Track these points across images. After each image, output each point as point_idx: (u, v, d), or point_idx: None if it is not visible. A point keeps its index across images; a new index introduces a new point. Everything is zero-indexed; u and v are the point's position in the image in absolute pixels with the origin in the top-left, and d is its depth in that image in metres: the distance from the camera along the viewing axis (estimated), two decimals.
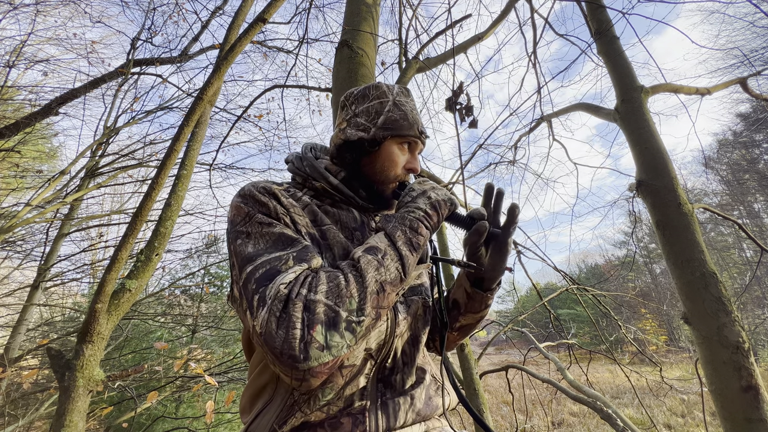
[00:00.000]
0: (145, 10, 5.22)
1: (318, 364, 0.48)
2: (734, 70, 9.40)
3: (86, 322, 1.44)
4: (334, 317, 0.50)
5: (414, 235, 0.60)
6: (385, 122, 0.74)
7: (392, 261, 0.57)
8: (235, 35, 1.99)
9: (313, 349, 0.48)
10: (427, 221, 0.64)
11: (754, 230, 18.41)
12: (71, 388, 1.36)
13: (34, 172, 7.37)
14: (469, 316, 0.77)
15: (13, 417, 4.07)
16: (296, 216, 0.65)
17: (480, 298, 0.74)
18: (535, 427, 8.44)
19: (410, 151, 0.78)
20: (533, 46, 3.78)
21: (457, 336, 0.82)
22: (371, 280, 0.54)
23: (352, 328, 0.51)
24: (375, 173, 0.75)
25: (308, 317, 0.49)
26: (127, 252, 1.45)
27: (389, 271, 0.55)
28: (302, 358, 0.47)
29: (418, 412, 0.65)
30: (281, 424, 0.58)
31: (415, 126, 0.76)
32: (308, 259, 0.57)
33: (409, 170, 0.77)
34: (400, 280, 0.56)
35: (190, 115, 1.43)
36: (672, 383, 8.33)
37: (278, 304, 0.49)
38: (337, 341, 0.49)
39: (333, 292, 0.52)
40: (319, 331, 0.48)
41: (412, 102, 0.80)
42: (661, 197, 2.38)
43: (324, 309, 0.50)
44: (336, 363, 0.50)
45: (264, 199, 0.63)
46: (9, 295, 4.83)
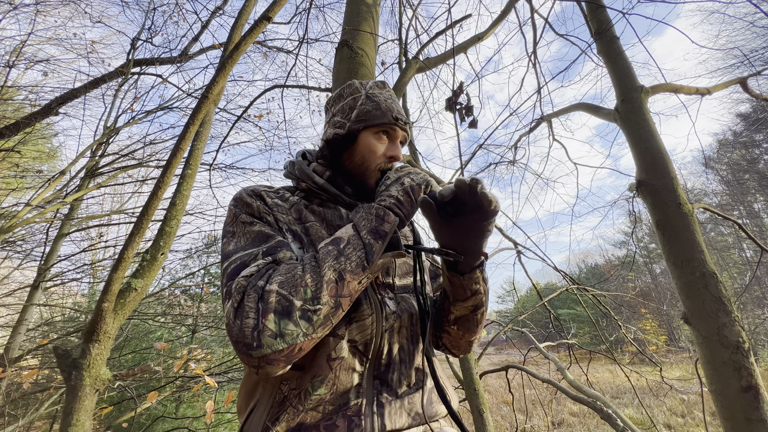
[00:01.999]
0: (145, 10, 5.23)
1: (271, 351, 0.50)
2: (734, 70, 9.40)
3: (93, 321, 1.44)
4: (287, 306, 0.52)
5: (380, 224, 0.59)
6: (358, 115, 0.76)
7: (354, 250, 0.57)
8: (239, 34, 1.99)
9: (266, 337, 0.50)
10: (398, 208, 0.63)
11: (754, 230, 18.42)
12: (78, 387, 1.36)
13: (34, 172, 7.38)
14: (459, 305, 0.72)
15: (13, 417, 4.07)
16: (279, 214, 0.69)
17: (460, 283, 0.69)
18: (535, 427, 8.44)
19: (389, 140, 0.79)
20: (533, 46, 3.78)
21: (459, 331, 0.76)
22: (328, 269, 0.55)
23: (307, 317, 0.52)
24: (356, 166, 0.77)
25: (262, 307, 0.51)
26: (133, 251, 1.45)
27: (349, 260, 0.56)
28: (255, 346, 0.50)
29: (416, 415, 0.64)
30: (273, 421, 0.58)
31: (388, 113, 0.77)
32: (275, 253, 0.60)
33: (390, 158, 0.77)
34: (362, 268, 0.56)
35: (195, 114, 1.43)
36: (672, 383, 8.34)
37: (237, 296, 0.53)
38: (291, 329, 0.51)
39: (288, 283, 0.54)
40: (272, 319, 0.51)
41: (387, 92, 0.81)
42: (661, 197, 2.38)
43: (278, 299, 0.52)
44: (292, 351, 0.52)
45: (249, 200, 0.68)
46: (9, 295, 4.83)
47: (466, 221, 0.59)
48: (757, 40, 11.34)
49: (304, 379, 0.60)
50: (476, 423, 2.67)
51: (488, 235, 0.62)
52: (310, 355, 0.61)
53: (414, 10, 3.51)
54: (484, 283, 0.70)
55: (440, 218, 0.60)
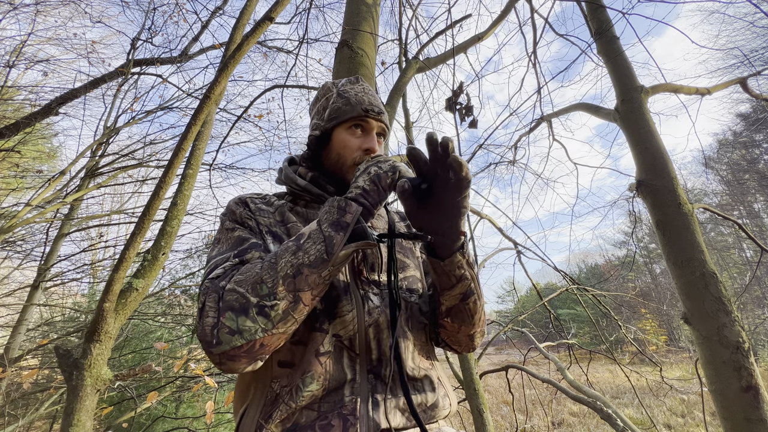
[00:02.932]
0: (145, 10, 5.22)
1: (230, 347, 0.52)
2: (734, 70, 9.40)
3: (94, 321, 1.44)
4: (244, 303, 0.54)
5: (341, 215, 0.59)
6: (330, 114, 0.78)
7: (314, 243, 0.57)
8: (241, 34, 1.99)
9: (224, 333, 0.52)
10: (363, 197, 0.62)
11: (754, 230, 18.42)
12: (79, 387, 1.36)
13: (34, 172, 7.38)
14: (447, 294, 0.68)
15: (13, 417, 4.07)
16: (261, 218, 0.72)
17: (442, 270, 0.65)
18: (535, 427, 8.44)
19: (363, 132, 0.78)
20: (533, 46, 3.78)
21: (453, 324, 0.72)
22: (284, 264, 0.56)
23: (264, 313, 0.53)
24: (333, 163, 0.78)
25: (221, 305, 0.54)
26: (135, 251, 1.45)
27: (308, 254, 0.56)
28: (214, 343, 0.52)
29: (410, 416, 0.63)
30: (266, 418, 0.58)
31: (358, 106, 0.77)
32: (244, 254, 0.63)
33: (366, 150, 0.76)
34: (322, 261, 0.56)
35: (197, 114, 1.43)
36: (672, 383, 8.34)
37: (201, 297, 0.56)
38: (249, 325, 0.53)
39: (246, 280, 0.55)
40: (229, 316, 0.53)
41: (359, 87, 0.82)
42: (661, 197, 2.38)
43: (235, 296, 0.54)
44: (253, 346, 0.53)
45: (234, 208, 0.72)
46: (9, 295, 4.83)
47: (442, 199, 0.58)
48: (757, 40, 11.34)
49: (294, 375, 0.60)
50: (476, 423, 2.67)
51: (464, 212, 0.59)
52: (299, 351, 0.62)
53: (414, 10, 3.51)
54: (469, 268, 0.66)
55: (416, 200, 0.58)
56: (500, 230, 3.81)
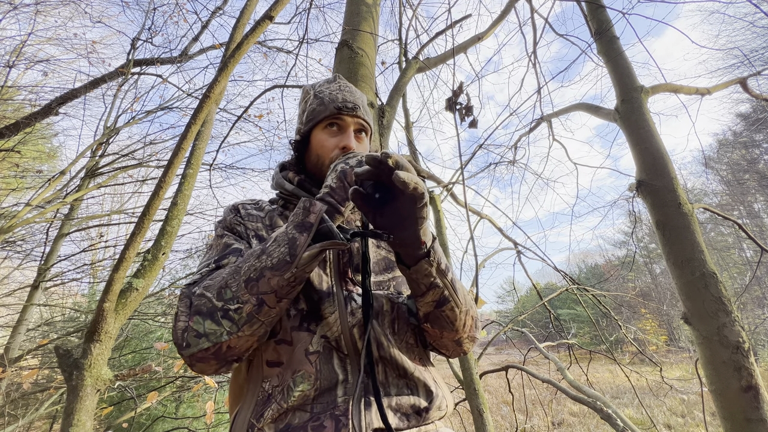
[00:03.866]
0: (145, 10, 5.23)
1: (197, 350, 0.55)
2: (734, 70, 9.40)
3: (94, 321, 1.44)
4: (210, 307, 0.56)
5: (305, 216, 0.58)
6: (307, 116, 0.79)
7: (278, 246, 0.57)
8: (241, 33, 1.99)
9: (191, 337, 0.55)
10: (330, 196, 0.63)
11: (754, 230, 18.42)
12: (79, 387, 1.36)
13: (34, 172, 7.38)
14: (420, 301, 0.66)
15: (13, 417, 4.07)
16: (249, 223, 0.74)
17: (411, 277, 0.63)
18: (535, 427, 8.44)
19: (340, 130, 0.78)
20: (533, 46, 3.78)
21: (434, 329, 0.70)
22: (247, 268, 0.57)
23: (229, 316, 0.55)
24: (313, 165, 0.79)
25: (191, 310, 0.57)
26: (134, 251, 1.45)
27: (271, 257, 0.56)
28: (184, 346, 0.55)
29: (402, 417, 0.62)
30: (258, 417, 0.58)
31: (331, 105, 0.77)
32: (222, 260, 0.65)
33: (343, 148, 0.75)
34: (285, 263, 0.55)
35: (197, 113, 1.43)
36: (672, 383, 8.34)
37: (178, 302, 0.59)
38: (214, 328, 0.55)
39: (213, 285, 0.58)
40: (197, 320, 0.56)
41: (334, 85, 0.81)
42: (661, 197, 2.38)
43: (203, 301, 0.57)
44: (219, 349, 0.56)
45: (226, 215, 0.75)
46: (9, 295, 4.83)
47: (397, 209, 0.54)
48: (757, 40, 11.34)
49: (285, 375, 0.60)
50: (476, 423, 2.67)
51: (421, 221, 0.56)
52: (286, 351, 0.62)
53: (414, 10, 3.51)
54: (441, 276, 0.63)
55: (370, 208, 0.55)
56: (500, 230, 3.82)
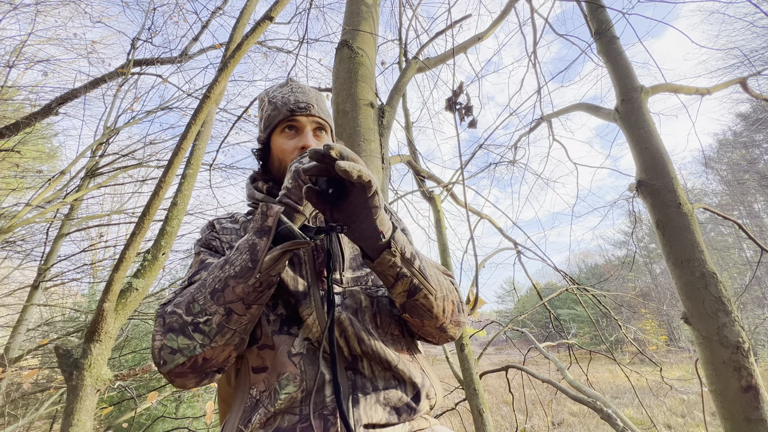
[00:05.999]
0: (145, 10, 5.23)
1: (174, 366, 0.56)
2: (734, 70, 9.40)
3: (94, 321, 1.44)
4: (181, 323, 0.57)
5: (264, 220, 0.58)
6: (264, 122, 0.80)
7: (240, 254, 0.57)
8: (241, 34, 1.99)
9: (166, 354, 0.56)
10: (287, 196, 0.63)
11: (754, 230, 18.42)
12: (79, 387, 1.36)
13: (34, 172, 7.39)
14: (393, 293, 0.65)
15: (13, 417, 4.07)
16: (224, 236, 0.75)
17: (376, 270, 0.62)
18: (535, 427, 8.44)
19: (297, 132, 0.78)
20: (533, 46, 3.78)
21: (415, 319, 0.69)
22: (211, 280, 0.58)
23: (200, 329, 0.56)
24: (277, 170, 0.79)
25: (164, 328, 0.57)
26: (134, 251, 1.45)
27: (233, 266, 0.57)
28: (162, 363, 0.56)
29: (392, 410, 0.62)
30: (245, 423, 0.58)
31: (284, 108, 0.77)
32: (194, 276, 0.66)
33: (302, 149, 0.76)
34: (247, 269, 0.56)
35: (197, 114, 1.43)
36: (672, 383, 8.34)
37: (153, 323, 0.60)
38: (187, 343, 0.56)
39: (182, 302, 0.59)
40: (171, 337, 0.56)
41: (287, 88, 0.81)
42: (661, 197, 2.38)
43: (174, 318, 0.57)
44: (195, 362, 0.56)
45: (201, 233, 0.77)
46: (9, 295, 4.83)
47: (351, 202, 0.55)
48: (757, 40, 11.34)
49: (271, 379, 0.60)
50: (476, 423, 2.67)
51: (375, 211, 0.55)
52: (269, 355, 0.62)
53: (414, 10, 3.51)
54: (407, 265, 0.61)
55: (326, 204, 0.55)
56: (500, 230, 3.81)
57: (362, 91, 1.85)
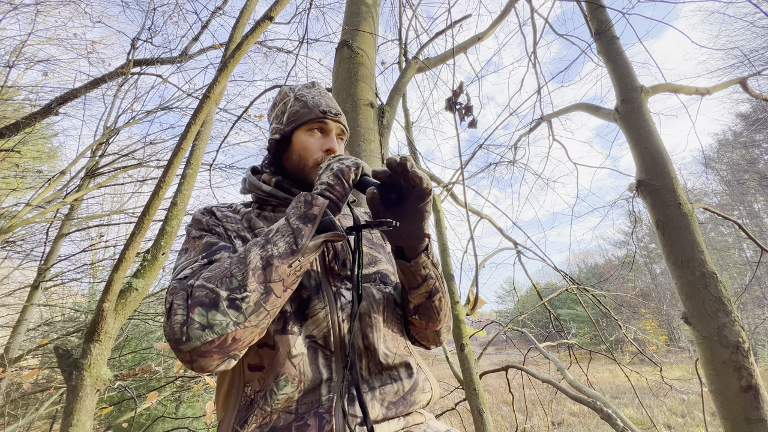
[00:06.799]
0: (145, 10, 5.23)
1: (201, 343, 0.51)
2: (734, 70, 9.41)
3: (94, 321, 1.44)
4: (214, 297, 0.53)
5: (308, 208, 0.60)
6: (288, 117, 0.80)
7: (282, 237, 0.58)
8: (241, 34, 1.99)
9: (193, 329, 0.51)
10: (329, 191, 0.64)
11: (754, 230, 18.41)
12: (79, 387, 1.36)
13: (34, 172, 7.39)
14: (414, 293, 0.72)
15: (13, 417, 4.07)
16: (228, 224, 0.72)
17: (408, 270, 0.70)
18: (535, 427, 8.44)
19: (323, 134, 0.81)
20: (533, 46, 3.78)
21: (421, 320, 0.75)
22: (254, 257, 0.56)
23: (236, 305, 0.53)
24: (295, 165, 0.80)
25: (189, 302, 0.53)
26: (134, 251, 1.45)
27: (277, 246, 0.57)
28: (184, 340, 0.51)
29: (390, 405, 0.63)
30: (242, 424, 0.58)
31: (315, 109, 0.80)
32: (212, 255, 0.62)
33: (327, 151, 0.79)
34: (291, 252, 0.57)
35: (197, 113, 1.43)
36: (672, 383, 8.34)
37: (169, 297, 0.55)
38: (220, 319, 0.52)
39: (215, 276, 0.55)
40: (199, 312, 0.52)
41: (315, 90, 0.84)
42: (661, 197, 2.38)
43: (204, 292, 0.53)
44: (225, 341, 0.53)
45: (200, 217, 0.72)
46: (9, 295, 4.83)
47: (406, 206, 0.62)
48: (757, 40, 11.35)
49: (267, 379, 0.60)
50: (476, 423, 2.67)
51: (427, 216, 0.64)
52: (268, 354, 0.62)
53: (414, 10, 3.51)
54: (433, 267, 0.71)
55: (384, 207, 0.62)
56: (500, 230, 3.81)
57: (362, 91, 1.85)
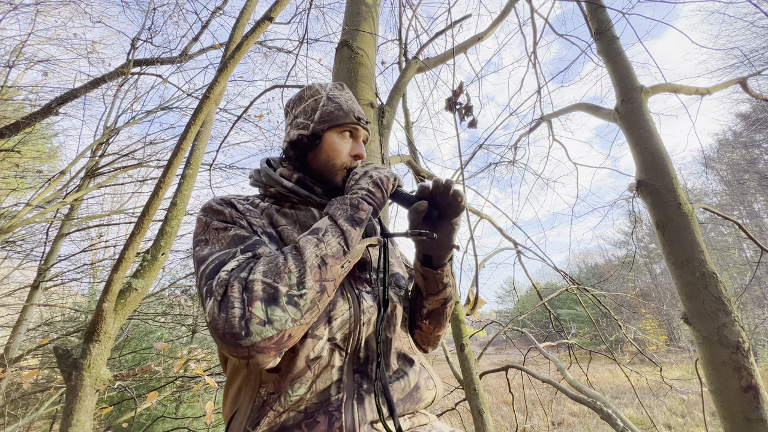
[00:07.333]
0: (145, 10, 5.23)
1: (261, 338, 0.50)
2: (734, 70, 9.40)
3: (93, 321, 1.44)
4: (273, 293, 0.52)
5: (355, 211, 0.62)
6: (321, 116, 0.79)
7: (333, 236, 0.59)
8: (240, 34, 1.99)
9: (254, 324, 0.50)
10: (370, 198, 0.66)
11: (754, 230, 18.41)
12: (78, 387, 1.36)
13: (34, 172, 7.38)
14: (431, 299, 0.78)
15: (13, 417, 4.07)
16: (252, 218, 0.69)
17: (432, 277, 0.75)
18: (535, 427, 8.44)
19: (353, 139, 0.82)
20: (533, 46, 3.78)
21: (430, 325, 0.80)
22: (310, 255, 0.56)
23: (294, 302, 0.53)
24: (322, 165, 0.79)
25: (247, 296, 0.51)
26: (134, 251, 1.45)
27: (330, 246, 0.58)
28: (243, 335, 0.49)
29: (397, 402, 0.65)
30: (254, 425, 0.57)
31: (351, 114, 0.80)
32: (254, 249, 0.61)
33: (355, 156, 0.80)
34: (343, 252, 0.58)
35: (196, 114, 1.43)
36: (672, 383, 8.33)
37: (219, 289, 0.52)
38: (279, 315, 0.51)
39: (271, 271, 0.54)
40: (259, 307, 0.51)
41: (347, 94, 0.85)
42: (661, 197, 2.38)
43: (262, 286, 0.52)
44: (282, 337, 0.52)
45: (220, 208, 0.68)
46: (9, 295, 4.83)
47: (442, 219, 0.69)
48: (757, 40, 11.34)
49: (283, 382, 0.59)
50: (476, 423, 2.67)
51: (457, 229, 0.72)
52: (288, 357, 0.61)
53: (414, 10, 3.51)
54: (452, 276, 0.78)
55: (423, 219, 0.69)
56: (500, 230, 3.81)
57: (362, 91, 1.85)
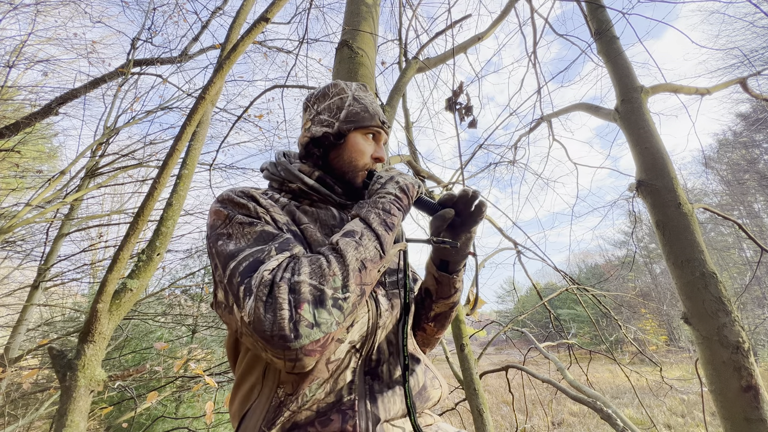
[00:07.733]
0: (145, 10, 5.22)
1: (309, 341, 0.49)
2: (734, 70, 9.41)
3: (88, 322, 1.44)
4: (319, 295, 0.52)
5: (387, 216, 0.63)
6: (347, 116, 0.79)
7: (370, 240, 0.59)
8: (237, 34, 1.99)
9: (303, 327, 0.49)
10: (398, 203, 0.67)
11: (754, 230, 18.40)
12: (72, 388, 1.36)
13: (34, 172, 7.38)
14: (441, 302, 0.81)
15: (13, 417, 4.07)
16: (276, 215, 0.66)
17: (447, 282, 0.79)
18: (535, 427, 8.44)
19: (375, 141, 0.83)
20: (533, 46, 3.78)
21: (434, 327, 0.84)
22: (352, 258, 0.56)
23: (339, 305, 0.53)
24: (344, 164, 0.79)
25: (294, 298, 0.50)
26: (128, 251, 1.45)
27: (368, 250, 0.58)
28: (293, 337, 0.48)
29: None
30: (269, 425, 0.57)
31: (376, 117, 0.81)
32: (290, 248, 0.59)
33: (376, 159, 0.81)
34: (379, 257, 0.59)
35: (192, 114, 1.43)
36: (672, 383, 8.33)
37: (264, 289, 0.51)
38: (326, 318, 0.51)
39: (316, 273, 0.53)
40: (307, 309, 0.50)
41: (370, 96, 0.86)
42: (661, 197, 2.38)
43: (309, 289, 0.52)
44: (327, 340, 0.52)
45: (243, 201, 0.64)
46: (9, 295, 4.83)
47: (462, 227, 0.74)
48: (757, 40, 11.34)
49: (301, 383, 0.59)
50: (476, 423, 2.67)
51: (474, 236, 0.77)
52: None
53: (414, 10, 3.51)
54: (461, 282, 0.82)
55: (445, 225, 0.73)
56: (500, 230, 3.81)
57: None
